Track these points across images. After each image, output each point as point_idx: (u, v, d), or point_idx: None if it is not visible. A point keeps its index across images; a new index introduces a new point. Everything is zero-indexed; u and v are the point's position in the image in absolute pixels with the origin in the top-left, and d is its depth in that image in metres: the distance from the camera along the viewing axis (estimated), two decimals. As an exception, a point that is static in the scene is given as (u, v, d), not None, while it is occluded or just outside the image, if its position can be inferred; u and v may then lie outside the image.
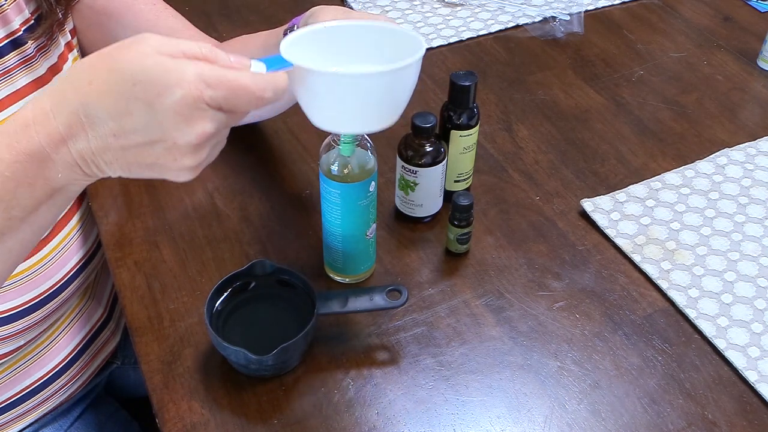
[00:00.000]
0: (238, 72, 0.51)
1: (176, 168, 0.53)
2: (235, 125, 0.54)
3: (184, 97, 0.49)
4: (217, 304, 0.74)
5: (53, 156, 0.52)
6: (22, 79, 0.78)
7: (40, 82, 0.80)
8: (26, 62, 0.78)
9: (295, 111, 1.00)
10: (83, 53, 0.90)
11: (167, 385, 0.72)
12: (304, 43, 0.61)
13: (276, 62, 0.56)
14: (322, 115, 0.59)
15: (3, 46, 0.76)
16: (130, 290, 0.81)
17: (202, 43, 0.52)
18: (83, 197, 0.92)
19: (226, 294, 0.75)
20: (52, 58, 0.82)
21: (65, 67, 0.84)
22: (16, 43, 0.77)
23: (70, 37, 0.86)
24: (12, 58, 0.77)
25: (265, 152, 0.98)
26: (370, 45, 0.64)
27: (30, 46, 0.79)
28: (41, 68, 0.80)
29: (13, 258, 0.59)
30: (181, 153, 0.51)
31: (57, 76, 0.83)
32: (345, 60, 0.63)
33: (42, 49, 0.81)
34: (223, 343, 0.68)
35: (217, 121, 0.51)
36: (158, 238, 0.86)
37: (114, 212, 0.89)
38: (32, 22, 0.80)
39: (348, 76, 0.57)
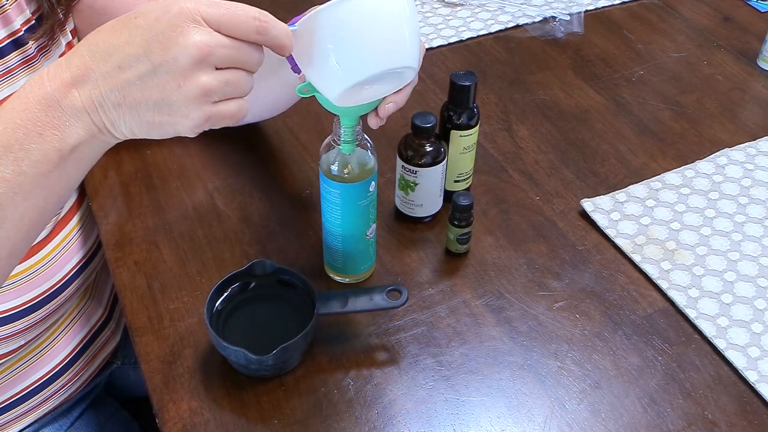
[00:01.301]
0: (239, 3, 0.52)
1: (183, 101, 0.52)
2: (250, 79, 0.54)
3: (181, 11, 0.51)
4: (217, 304, 0.74)
5: (62, 102, 0.53)
6: (23, 79, 0.78)
7: None
8: (27, 62, 0.78)
9: (296, 111, 1.00)
10: None
11: (167, 385, 0.72)
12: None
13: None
14: (344, 66, 0.57)
15: (4, 46, 0.76)
16: (130, 290, 0.81)
17: None
18: (83, 197, 0.92)
19: (226, 294, 0.75)
20: (53, 58, 0.82)
21: None
22: (17, 43, 0.77)
23: (71, 37, 0.86)
24: (13, 58, 0.77)
25: (265, 152, 0.98)
26: None
27: (31, 46, 0.79)
28: (42, 68, 0.80)
29: (26, 227, 0.57)
30: (183, 76, 0.51)
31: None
32: None
33: (43, 49, 0.81)
34: (223, 343, 0.68)
35: (215, 38, 0.51)
36: (158, 238, 0.86)
37: (114, 212, 0.89)
38: (33, 22, 0.80)
39: (348, 1, 0.55)
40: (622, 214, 0.88)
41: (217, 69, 0.52)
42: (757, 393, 0.71)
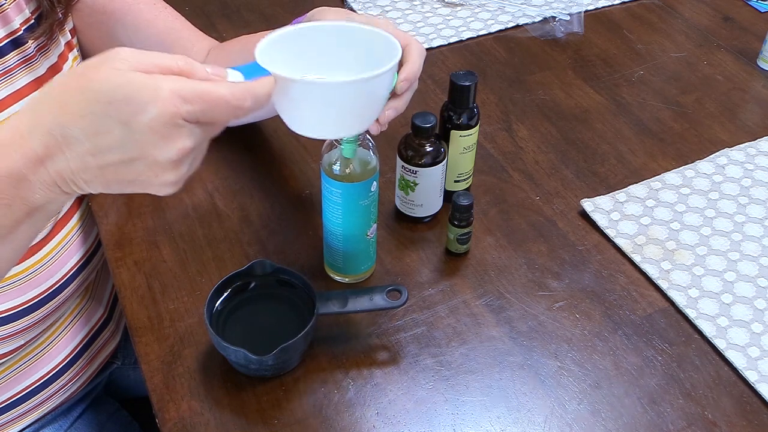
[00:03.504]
0: (214, 84, 0.51)
1: (158, 183, 0.52)
2: (217, 135, 0.54)
3: (161, 114, 0.48)
4: (217, 304, 0.74)
5: (30, 177, 0.51)
6: (22, 79, 0.78)
7: (40, 82, 0.80)
8: (26, 62, 0.78)
9: (295, 111, 1.00)
10: (83, 53, 0.90)
11: (167, 385, 0.72)
12: (281, 47, 0.60)
13: (253, 69, 0.55)
14: (296, 121, 0.59)
15: (3, 45, 0.76)
16: (130, 290, 0.81)
17: (177, 56, 0.52)
18: (83, 197, 0.92)
19: (226, 294, 0.75)
20: (52, 58, 0.82)
21: (65, 66, 0.84)
22: (16, 43, 0.77)
23: (70, 37, 0.86)
24: (12, 57, 0.77)
25: (265, 152, 0.98)
26: (347, 47, 0.64)
27: (30, 46, 0.79)
28: (41, 68, 0.80)
29: None
30: (161, 169, 0.51)
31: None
32: (321, 63, 0.63)
33: (42, 49, 0.81)
34: (223, 343, 0.68)
35: (195, 135, 0.51)
36: (158, 238, 0.86)
37: (114, 212, 0.89)
38: (32, 21, 0.80)
39: (319, 85, 0.57)
40: (622, 214, 0.88)
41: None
42: (757, 393, 0.71)
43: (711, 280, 0.81)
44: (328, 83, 0.57)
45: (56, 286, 0.85)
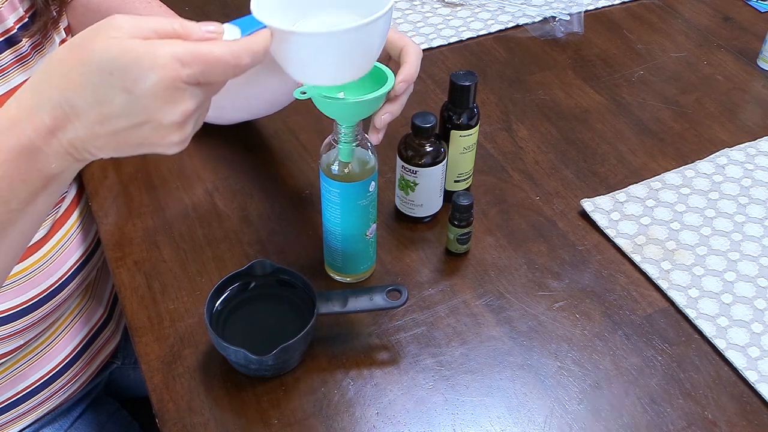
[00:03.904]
0: (212, 45, 0.52)
1: (165, 144, 0.54)
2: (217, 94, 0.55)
3: (162, 80, 0.49)
4: (217, 304, 0.74)
5: (44, 148, 0.53)
6: (17, 78, 0.78)
7: None
8: (21, 60, 0.78)
9: (296, 111, 1.00)
10: None
11: (167, 385, 0.72)
12: None
13: (249, 23, 0.55)
14: (295, 70, 0.60)
15: None
16: (130, 290, 0.81)
17: (172, 19, 0.52)
18: (81, 195, 0.92)
19: (226, 294, 0.75)
20: (47, 56, 0.82)
21: None
22: (10, 42, 0.77)
23: (65, 35, 0.86)
24: (7, 56, 0.77)
25: (265, 152, 0.98)
26: None
27: (25, 44, 0.79)
28: (36, 66, 0.80)
29: (15, 249, 0.60)
30: (167, 131, 0.52)
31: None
32: (317, 11, 0.64)
33: (37, 47, 0.81)
34: (223, 343, 0.68)
35: (197, 96, 0.52)
36: (158, 238, 0.86)
37: (114, 212, 0.89)
38: (27, 20, 0.79)
39: (314, 36, 0.57)
40: (622, 214, 0.88)
41: None
42: (757, 393, 0.71)
43: (711, 280, 0.81)
44: (323, 33, 0.57)
45: (56, 285, 0.85)
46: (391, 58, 0.71)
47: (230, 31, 0.54)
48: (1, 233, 0.56)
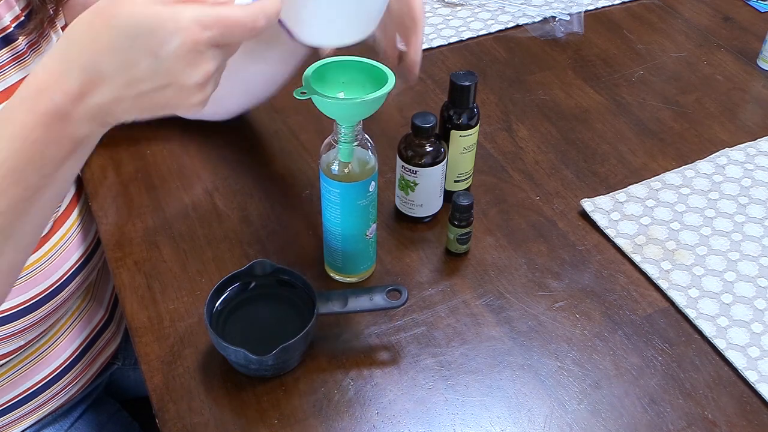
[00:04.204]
0: (230, 8, 0.53)
1: (187, 105, 0.55)
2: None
3: (184, 43, 0.51)
4: (217, 304, 0.74)
5: (74, 113, 0.54)
6: (13, 76, 0.77)
7: None
8: (17, 59, 0.78)
9: (296, 111, 1.00)
10: None
11: (167, 385, 0.72)
12: None
13: None
14: (304, 30, 0.61)
15: None
16: (130, 290, 0.81)
17: None
18: (80, 193, 0.92)
19: (226, 294, 0.75)
20: (43, 55, 0.82)
21: None
22: (6, 40, 0.77)
23: (62, 33, 0.86)
24: (3, 55, 0.77)
25: (265, 152, 0.98)
26: None
27: (21, 43, 0.78)
28: (33, 65, 0.80)
29: (48, 211, 0.62)
30: (190, 92, 0.54)
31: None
32: None
33: (33, 46, 0.80)
34: (223, 343, 0.68)
35: (216, 57, 0.54)
36: (158, 238, 0.86)
37: (114, 212, 0.89)
38: (23, 18, 0.79)
39: None
40: (622, 214, 0.88)
41: None
42: (757, 393, 0.71)
43: (711, 280, 0.81)
44: None
45: (56, 285, 0.85)
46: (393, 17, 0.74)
47: None
48: (34, 199, 0.58)
